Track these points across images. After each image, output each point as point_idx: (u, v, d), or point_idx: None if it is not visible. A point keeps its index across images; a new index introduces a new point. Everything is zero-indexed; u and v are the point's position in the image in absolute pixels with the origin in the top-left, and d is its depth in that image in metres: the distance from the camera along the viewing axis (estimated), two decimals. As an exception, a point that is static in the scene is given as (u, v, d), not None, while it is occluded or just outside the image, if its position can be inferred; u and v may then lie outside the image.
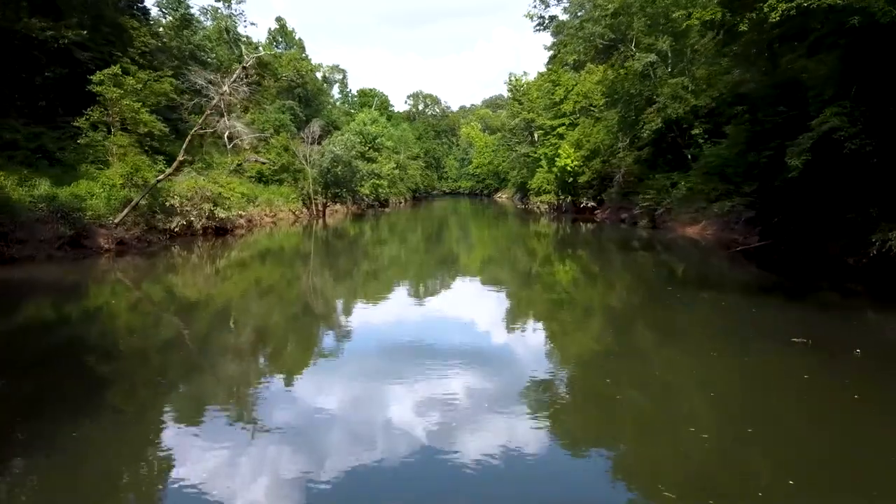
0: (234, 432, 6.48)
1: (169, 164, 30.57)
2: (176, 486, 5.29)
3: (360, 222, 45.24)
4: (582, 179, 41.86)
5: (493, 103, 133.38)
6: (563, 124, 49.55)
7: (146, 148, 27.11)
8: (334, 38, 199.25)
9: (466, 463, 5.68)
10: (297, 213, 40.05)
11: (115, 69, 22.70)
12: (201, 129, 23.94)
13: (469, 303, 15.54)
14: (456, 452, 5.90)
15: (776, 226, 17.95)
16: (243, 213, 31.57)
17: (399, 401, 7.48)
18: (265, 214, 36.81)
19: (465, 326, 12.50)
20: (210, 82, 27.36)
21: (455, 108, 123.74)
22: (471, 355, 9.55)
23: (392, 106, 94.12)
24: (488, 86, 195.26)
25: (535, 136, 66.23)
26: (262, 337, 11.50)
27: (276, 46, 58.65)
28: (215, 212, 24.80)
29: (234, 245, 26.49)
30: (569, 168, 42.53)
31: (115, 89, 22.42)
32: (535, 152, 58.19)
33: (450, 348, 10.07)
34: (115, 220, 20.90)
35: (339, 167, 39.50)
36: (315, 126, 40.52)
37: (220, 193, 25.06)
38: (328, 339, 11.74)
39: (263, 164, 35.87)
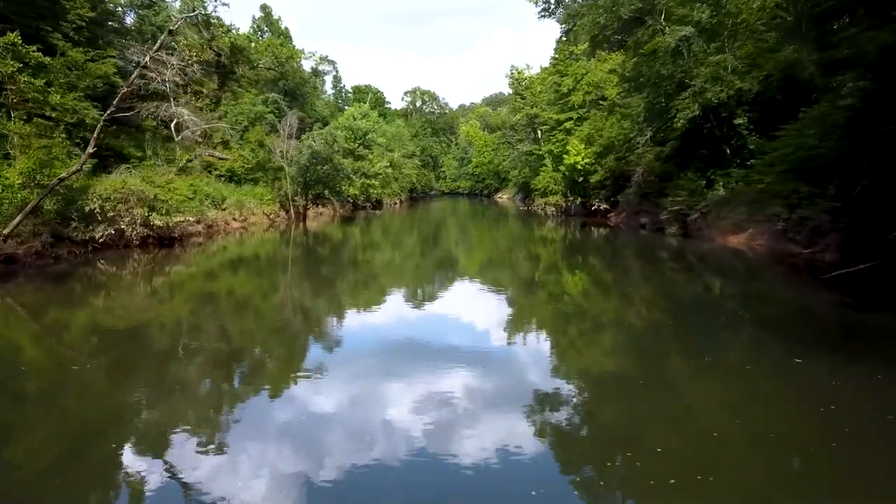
0: None
1: (114, 159, 25.46)
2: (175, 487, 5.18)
3: (347, 226, 40.07)
4: (594, 179, 36.69)
5: (494, 101, 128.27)
6: (571, 119, 44.35)
7: (77, 140, 21.93)
8: (333, 37, 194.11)
9: None
10: (273, 216, 34.86)
11: (12, 37, 17.47)
12: (125, 113, 18.71)
13: (470, 323, 12.78)
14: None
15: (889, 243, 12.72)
16: (201, 218, 26.40)
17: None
18: (235, 218, 31.63)
19: (468, 353, 9.86)
20: (156, 61, 22.05)
21: (454, 107, 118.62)
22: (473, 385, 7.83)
23: (388, 102, 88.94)
24: (488, 85, 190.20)
25: (539, 132, 61.20)
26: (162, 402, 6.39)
27: (261, 36, 53.44)
28: (150, 218, 19.60)
29: (182, 258, 21.39)
30: (579, 166, 37.34)
31: (11, 62, 17.20)
32: (540, 150, 53.04)
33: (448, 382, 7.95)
34: (5, 231, 15.72)
35: (320, 165, 34.27)
36: (293, 118, 35.30)
37: (156, 195, 19.81)
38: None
39: (222, 159, 30.64)
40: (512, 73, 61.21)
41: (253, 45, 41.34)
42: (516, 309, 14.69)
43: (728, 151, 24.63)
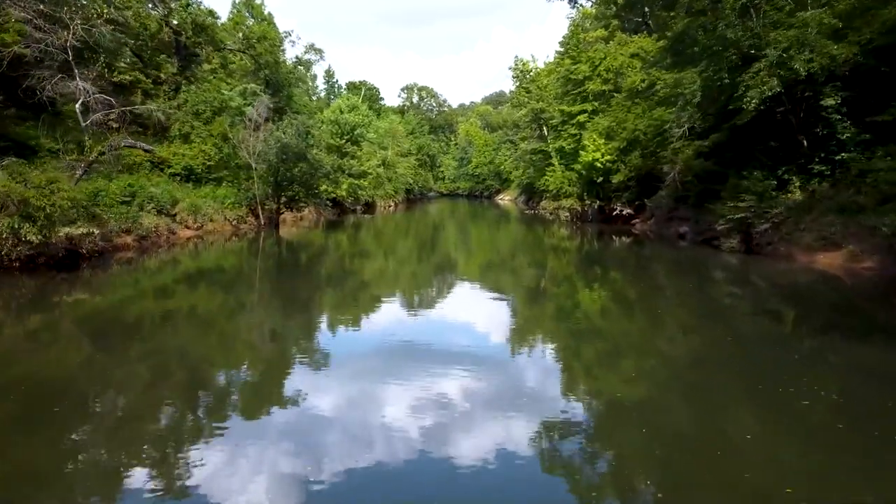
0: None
1: (15, 151, 19.43)
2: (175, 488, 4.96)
3: (330, 232, 34.09)
4: (615, 179, 30.68)
5: (494, 100, 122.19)
6: (585, 111, 38.34)
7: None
8: (333, 37, 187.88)
9: None
10: (238, 222, 28.80)
11: None
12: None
13: (472, 355, 9.46)
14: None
15: None
16: (131, 228, 20.41)
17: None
18: (187, 226, 25.61)
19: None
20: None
21: (454, 106, 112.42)
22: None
23: (382, 99, 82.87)
24: (488, 85, 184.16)
25: (545, 129, 55.17)
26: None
27: (245, 26, 47.23)
28: (22, 231, 13.57)
29: (91, 281, 15.45)
30: (598, 164, 31.32)
31: None
32: (548, 147, 47.05)
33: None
34: None
35: (293, 161, 28.18)
36: (261, 107, 29.20)
37: (26, 199, 13.72)
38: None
39: (147, 151, 24.52)
40: (516, 65, 55.18)
41: (220, 23, 35.17)
42: (539, 357, 9.17)
43: (805, 143, 18.61)
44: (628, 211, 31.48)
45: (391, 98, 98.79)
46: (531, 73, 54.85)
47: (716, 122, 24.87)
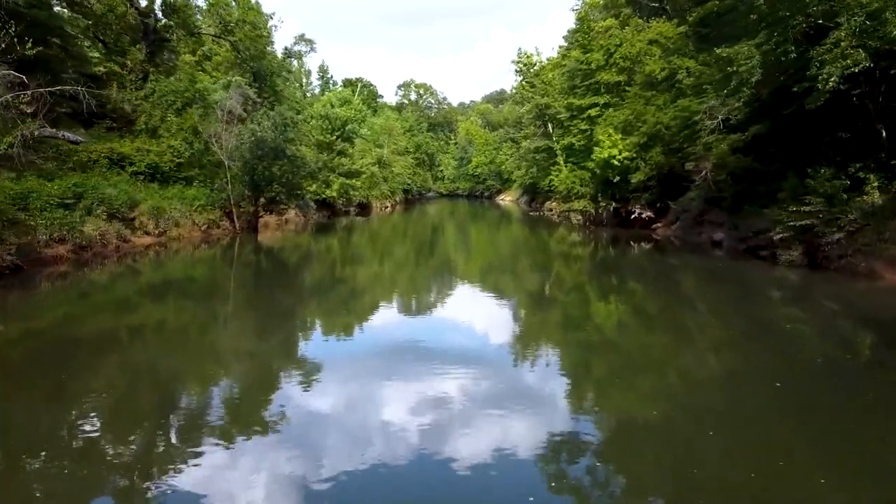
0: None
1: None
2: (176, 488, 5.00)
3: (319, 237, 30.53)
4: (635, 178, 27.02)
5: (495, 98, 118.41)
6: (597, 104, 34.69)
7: None
8: (332, 37, 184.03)
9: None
10: (209, 227, 25.16)
11: None
12: None
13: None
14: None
15: None
16: (63, 236, 16.78)
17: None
18: (147, 232, 22.00)
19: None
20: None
21: (453, 105, 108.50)
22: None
23: (382, 97, 79.24)
24: (488, 86, 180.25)
25: (549, 126, 51.59)
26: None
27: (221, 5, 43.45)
28: None
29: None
30: (615, 161, 27.67)
31: None
32: (555, 144, 43.47)
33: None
34: None
35: (270, 158, 24.52)
36: (235, 96, 25.49)
37: None
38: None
39: (74, 143, 20.81)
40: (520, 58, 51.47)
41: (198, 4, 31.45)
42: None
43: (884, 133, 14.99)
44: (648, 214, 27.84)
45: (390, 97, 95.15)
46: (535, 67, 51.16)
47: (757, 112, 21.26)
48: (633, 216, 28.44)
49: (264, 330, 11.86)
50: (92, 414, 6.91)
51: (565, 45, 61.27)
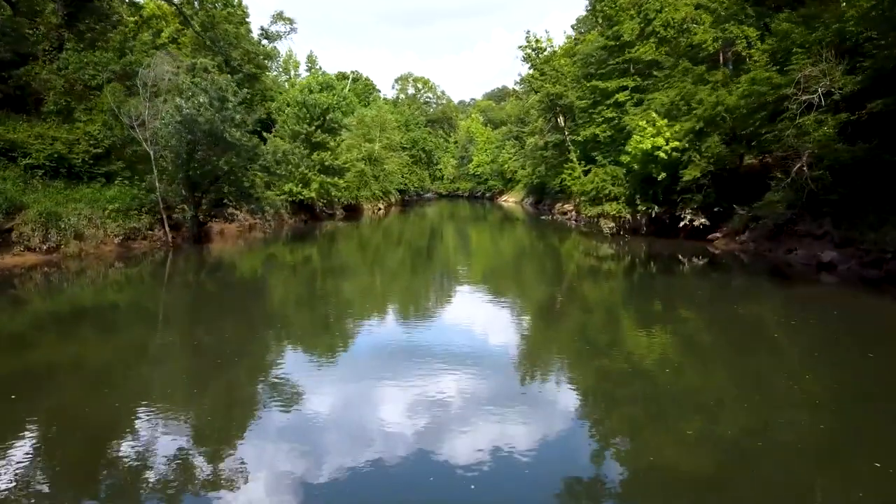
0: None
1: None
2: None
3: (293, 248, 24.15)
4: (688, 175, 20.45)
5: (496, 96, 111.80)
6: (626, 87, 28.20)
7: None
8: (331, 37, 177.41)
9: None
10: (129, 238, 18.64)
11: None
12: None
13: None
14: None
15: None
16: None
17: None
18: (29, 248, 15.54)
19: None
20: None
21: (454, 102, 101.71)
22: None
23: (380, 91, 72.64)
24: (488, 86, 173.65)
25: (561, 119, 45.18)
26: None
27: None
28: None
29: None
30: (662, 153, 21.15)
31: None
32: (569, 138, 37.11)
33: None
34: None
35: (208, 146, 18.01)
36: (160, 66, 18.85)
37: None
38: None
39: None
40: (528, 43, 44.80)
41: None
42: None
43: None
44: (702, 221, 21.31)
45: (388, 94, 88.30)
46: (545, 53, 44.57)
47: (877, 80, 14.91)
48: (681, 223, 21.90)
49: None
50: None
51: (573, 34, 54.89)
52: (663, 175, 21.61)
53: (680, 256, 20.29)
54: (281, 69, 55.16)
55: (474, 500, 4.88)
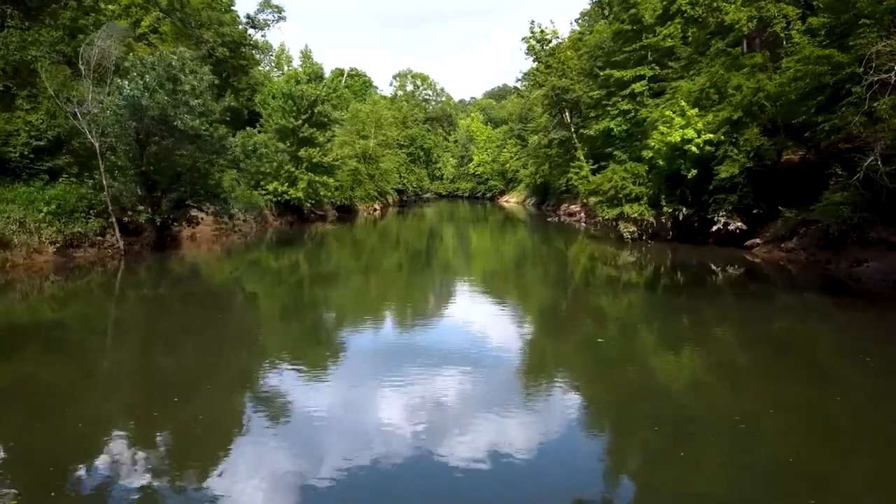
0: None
1: None
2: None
3: (276, 254, 21.30)
4: (725, 172, 17.50)
5: (496, 94, 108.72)
6: (643, 76, 25.31)
7: None
8: (330, 38, 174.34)
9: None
10: (71, 244, 15.71)
11: None
12: None
13: None
14: None
15: None
16: None
17: None
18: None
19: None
20: None
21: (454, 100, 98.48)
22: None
23: (378, 87, 69.68)
24: (488, 86, 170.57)
25: (567, 115, 42.32)
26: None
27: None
28: None
29: None
30: (693, 147, 18.20)
31: None
32: (583, 131, 34.35)
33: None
34: None
35: (162, 137, 15.07)
36: (107, 42, 15.82)
37: None
38: None
39: None
40: (532, 34, 41.87)
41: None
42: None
43: None
44: (738, 224, 18.37)
45: (387, 92, 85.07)
46: (551, 45, 41.63)
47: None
48: (713, 227, 18.96)
49: None
50: None
51: (577, 29, 52.03)
52: (693, 172, 18.67)
53: (712, 265, 17.40)
54: (273, 64, 52.26)
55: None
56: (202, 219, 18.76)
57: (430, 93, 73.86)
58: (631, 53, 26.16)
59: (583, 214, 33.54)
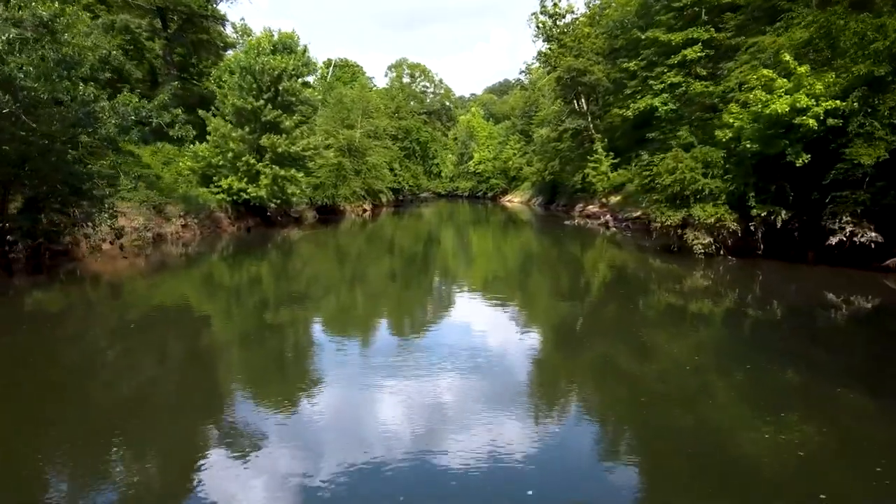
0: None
1: None
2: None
3: (225, 264, 15.21)
4: (866, 158, 11.39)
5: (498, 90, 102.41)
6: (696, 40, 19.18)
7: None
8: (329, 39, 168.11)
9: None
10: None
11: None
12: None
13: None
14: None
15: None
16: None
17: None
18: None
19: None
20: None
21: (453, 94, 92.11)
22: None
23: (373, 78, 63.47)
24: (488, 84, 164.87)
25: (582, 101, 36.37)
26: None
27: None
28: None
29: None
30: (810, 120, 12.06)
31: None
32: (589, 124, 28.34)
33: None
34: None
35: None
36: None
37: None
38: None
39: None
40: (542, 9, 35.68)
41: None
42: None
43: None
44: (870, 236, 12.26)
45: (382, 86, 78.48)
46: (565, 20, 35.45)
47: None
48: (831, 239, 12.80)
49: None
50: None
51: (597, 2, 45.84)
52: (804, 157, 12.50)
53: (840, 298, 11.26)
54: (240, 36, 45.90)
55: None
56: (95, 232, 12.51)
57: (428, 84, 67.56)
58: (679, 13, 20.00)
59: (608, 216, 27.33)
